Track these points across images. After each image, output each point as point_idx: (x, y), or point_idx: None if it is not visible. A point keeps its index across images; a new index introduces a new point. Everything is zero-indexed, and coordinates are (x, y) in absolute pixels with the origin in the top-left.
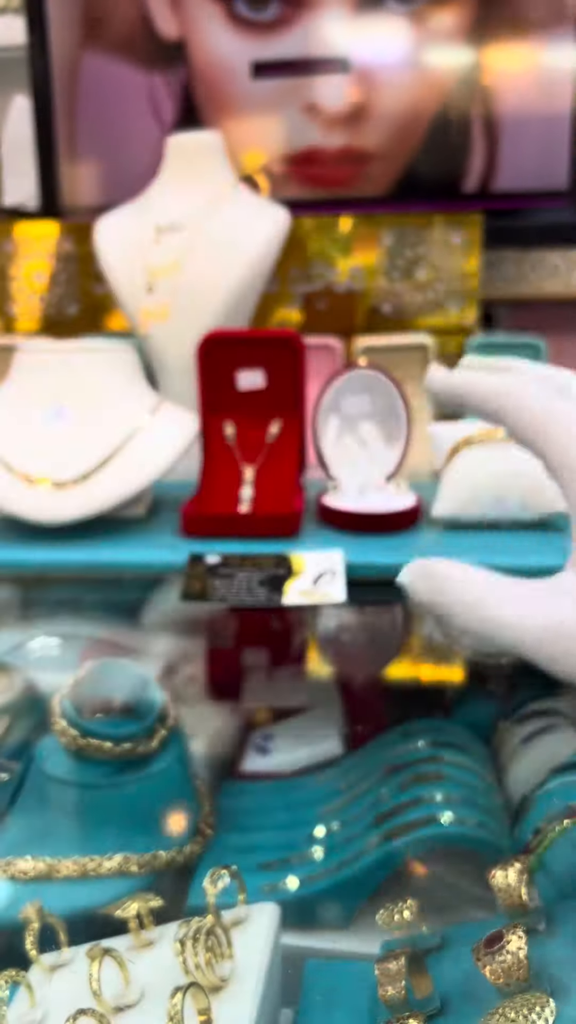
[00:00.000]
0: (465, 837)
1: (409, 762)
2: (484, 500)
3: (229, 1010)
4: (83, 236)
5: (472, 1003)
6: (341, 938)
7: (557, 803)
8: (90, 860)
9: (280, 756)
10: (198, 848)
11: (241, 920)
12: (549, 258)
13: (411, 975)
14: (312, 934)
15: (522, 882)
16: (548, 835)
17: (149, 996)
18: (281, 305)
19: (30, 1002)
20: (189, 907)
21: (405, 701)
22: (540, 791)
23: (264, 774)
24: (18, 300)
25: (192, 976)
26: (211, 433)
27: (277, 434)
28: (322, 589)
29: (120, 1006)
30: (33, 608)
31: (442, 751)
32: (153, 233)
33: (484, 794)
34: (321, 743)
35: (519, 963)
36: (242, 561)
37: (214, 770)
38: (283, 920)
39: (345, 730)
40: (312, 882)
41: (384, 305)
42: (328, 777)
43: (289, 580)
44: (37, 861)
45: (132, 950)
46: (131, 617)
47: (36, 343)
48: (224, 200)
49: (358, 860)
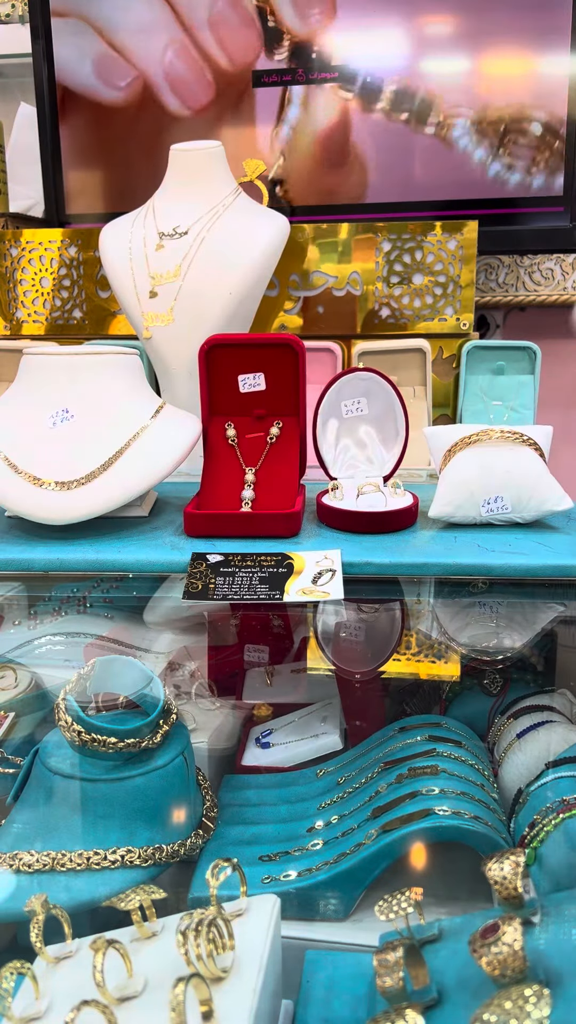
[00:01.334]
0: (461, 830)
1: (406, 756)
2: (479, 500)
3: (230, 1000)
4: (88, 242)
5: (468, 993)
6: (340, 929)
7: (552, 797)
8: (94, 853)
9: (280, 751)
10: (200, 841)
11: (242, 912)
12: (544, 263)
13: (409, 966)
14: (311, 925)
15: (518, 874)
16: (543, 828)
17: (152, 987)
18: (281, 309)
19: (35, 993)
20: (191, 899)
21: (402, 697)
22: (535, 785)
23: (264, 768)
24: (24, 305)
25: (194, 967)
26: (213, 435)
27: (277, 436)
28: (321, 587)
29: (123, 996)
30: (38, 606)
31: (439, 746)
32: (156, 239)
33: (480, 788)
34: (320, 738)
35: (515, 954)
36: (243, 560)
37: (215, 764)
38: (283, 911)
39: (344, 725)
40: (311, 874)
41: (382, 310)
42: (327, 771)
43: (289, 579)
44: (42, 854)
45: (135, 941)
46: (134, 615)
47: (42, 347)
48: (225, 207)
49: (356, 853)
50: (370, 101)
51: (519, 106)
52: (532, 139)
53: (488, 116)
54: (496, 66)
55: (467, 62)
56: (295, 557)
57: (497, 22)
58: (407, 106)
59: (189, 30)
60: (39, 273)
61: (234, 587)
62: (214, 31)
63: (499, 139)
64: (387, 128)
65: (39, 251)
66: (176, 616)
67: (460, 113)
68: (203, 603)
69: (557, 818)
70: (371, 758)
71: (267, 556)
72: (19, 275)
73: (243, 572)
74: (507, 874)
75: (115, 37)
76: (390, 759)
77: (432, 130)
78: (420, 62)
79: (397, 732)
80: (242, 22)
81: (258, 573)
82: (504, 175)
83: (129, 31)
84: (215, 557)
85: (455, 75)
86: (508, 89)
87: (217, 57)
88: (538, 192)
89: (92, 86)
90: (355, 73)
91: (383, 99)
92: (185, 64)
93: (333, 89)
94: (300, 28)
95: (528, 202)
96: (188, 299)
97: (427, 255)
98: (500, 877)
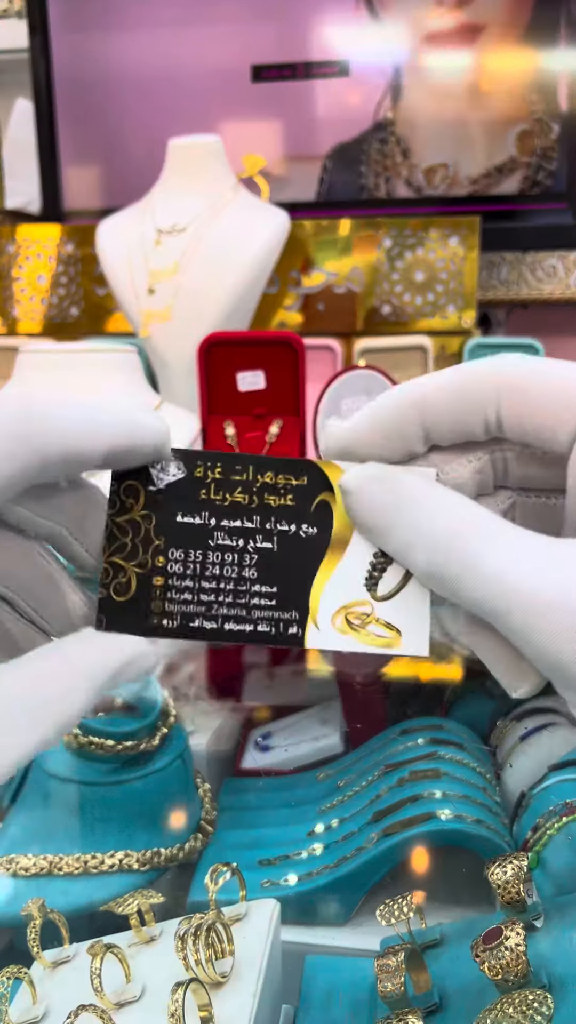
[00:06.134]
0: (463, 834)
1: (408, 760)
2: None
3: (230, 1006)
4: (85, 239)
5: (471, 998)
6: (340, 934)
7: (555, 800)
8: (92, 857)
9: (280, 754)
10: (199, 845)
11: (241, 916)
12: (547, 260)
13: (410, 971)
14: (312, 930)
15: (520, 878)
16: (546, 832)
17: (150, 992)
18: (281, 307)
19: (32, 998)
20: (190, 903)
21: (404, 699)
22: (538, 788)
23: (264, 771)
24: (20, 302)
25: (193, 972)
26: (212, 434)
27: (277, 435)
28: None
29: (121, 1002)
30: None
31: (441, 749)
32: (154, 235)
33: (482, 791)
34: (321, 741)
35: (517, 959)
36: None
37: (215, 767)
38: (283, 916)
39: (344, 728)
40: (311, 879)
41: (383, 307)
42: (327, 774)
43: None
44: (39, 858)
45: (133, 946)
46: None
47: (38, 345)
48: (225, 203)
49: (357, 857)
50: (370, 95)
51: (522, 101)
52: (535, 135)
53: (490, 111)
54: (498, 60)
55: (468, 56)
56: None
57: (498, 15)
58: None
59: (190, 23)
60: (36, 270)
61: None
62: (214, 24)
63: (501, 135)
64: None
65: (36, 248)
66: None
67: (461, 109)
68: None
69: (560, 821)
70: (372, 761)
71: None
72: (15, 272)
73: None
74: (509, 878)
75: (114, 31)
76: (391, 762)
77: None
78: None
79: (398, 735)
80: (243, 15)
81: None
82: (507, 171)
83: (129, 24)
84: None
85: (456, 70)
86: (510, 83)
87: (218, 51)
88: (541, 189)
89: (90, 80)
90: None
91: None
92: (185, 57)
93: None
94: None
95: (531, 199)
96: (187, 296)
97: (428, 252)
98: (502, 881)
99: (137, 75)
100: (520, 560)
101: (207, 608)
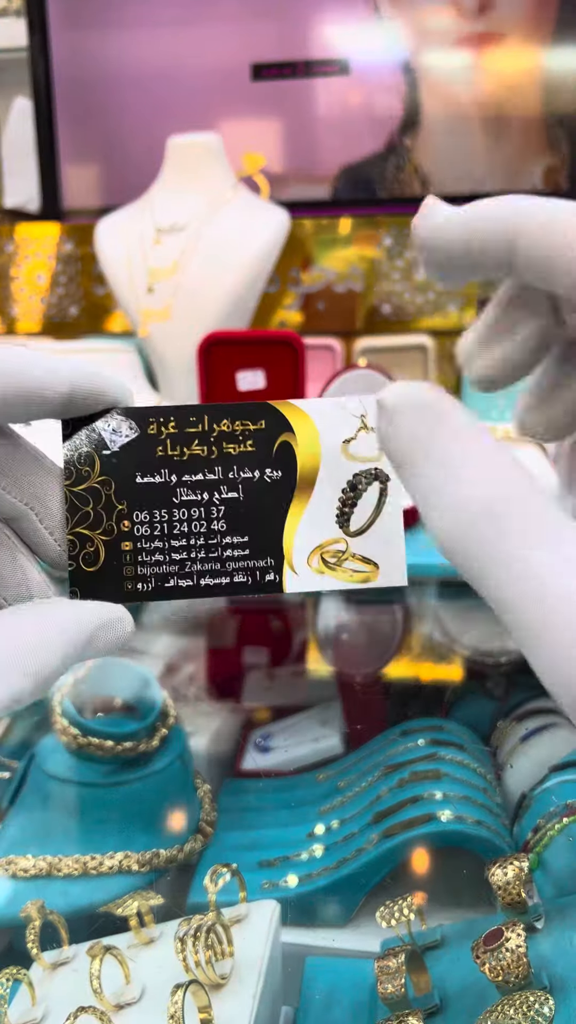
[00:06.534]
0: (464, 835)
1: (408, 760)
2: None
3: (229, 1007)
4: (84, 237)
5: (471, 1000)
6: (340, 935)
7: (556, 801)
8: (91, 858)
9: (280, 754)
10: (198, 846)
11: (241, 918)
12: None
13: (410, 972)
14: (312, 931)
15: (521, 880)
16: (547, 833)
17: (150, 994)
18: (281, 306)
19: (31, 999)
20: (190, 905)
21: (404, 700)
22: (539, 789)
23: (264, 772)
24: (19, 301)
25: (193, 974)
26: None
27: None
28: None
29: (121, 1003)
30: None
31: (441, 750)
32: (153, 234)
33: (483, 792)
34: (321, 742)
35: (518, 960)
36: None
37: (214, 768)
38: (283, 917)
39: (344, 729)
40: (312, 880)
41: (384, 306)
42: (327, 775)
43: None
44: (38, 859)
45: (133, 948)
46: (131, 616)
47: (37, 344)
48: (224, 201)
49: (357, 858)
50: (370, 94)
51: (522, 99)
52: (535, 133)
53: (490, 109)
54: (499, 59)
55: (469, 55)
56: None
57: (500, 15)
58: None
59: (190, 21)
60: (35, 269)
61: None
62: (214, 22)
63: (501, 133)
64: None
65: (35, 247)
66: (174, 617)
67: (462, 107)
68: (201, 604)
69: (561, 822)
70: (372, 762)
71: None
72: (14, 271)
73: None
74: (510, 879)
75: (114, 29)
76: (391, 763)
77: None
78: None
79: (399, 736)
80: (243, 13)
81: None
82: (508, 169)
83: (128, 22)
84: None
85: (457, 69)
86: (512, 82)
87: (217, 49)
88: (540, 186)
89: (90, 79)
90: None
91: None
92: (184, 56)
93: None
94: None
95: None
96: (186, 295)
97: None
98: (503, 882)
99: (136, 73)
100: (570, 560)
101: (180, 566)
